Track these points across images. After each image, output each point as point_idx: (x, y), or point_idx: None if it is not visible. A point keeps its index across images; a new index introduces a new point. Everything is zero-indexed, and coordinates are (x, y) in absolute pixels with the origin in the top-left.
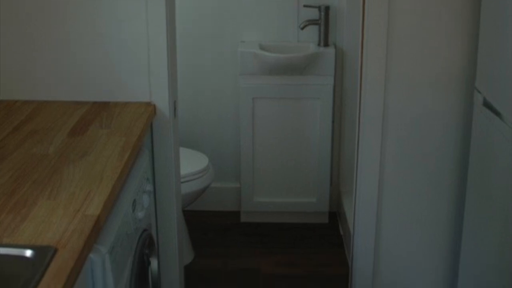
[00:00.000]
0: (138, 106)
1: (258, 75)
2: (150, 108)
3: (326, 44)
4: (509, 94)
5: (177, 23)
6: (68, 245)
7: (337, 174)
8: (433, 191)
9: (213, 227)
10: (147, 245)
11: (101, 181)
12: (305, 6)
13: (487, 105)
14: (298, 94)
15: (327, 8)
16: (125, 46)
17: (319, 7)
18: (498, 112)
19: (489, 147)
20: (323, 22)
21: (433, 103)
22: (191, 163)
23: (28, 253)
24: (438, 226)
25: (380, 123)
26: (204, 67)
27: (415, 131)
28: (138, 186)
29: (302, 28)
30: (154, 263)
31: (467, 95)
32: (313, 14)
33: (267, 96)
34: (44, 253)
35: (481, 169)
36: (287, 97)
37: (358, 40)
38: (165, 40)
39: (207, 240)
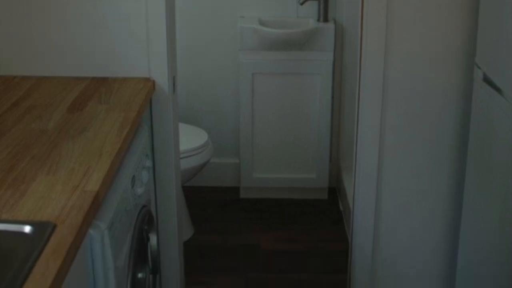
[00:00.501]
0: (137, 82)
1: (258, 51)
2: (149, 84)
3: (326, 20)
4: (509, 70)
5: None
6: (67, 221)
7: (337, 150)
8: (433, 166)
9: (212, 203)
10: (146, 221)
11: (100, 157)
12: None
13: (487, 80)
14: (298, 70)
15: None
16: (124, 22)
17: None
18: (498, 88)
19: (489, 123)
20: None
21: (433, 78)
22: (191, 139)
23: (27, 229)
24: (438, 201)
25: (380, 98)
26: (204, 42)
27: (415, 106)
28: (137, 162)
29: (302, 4)
30: (153, 239)
31: (467, 70)
32: None
33: (267, 71)
34: (43, 229)
35: (481, 145)
36: (286, 73)
37: (358, 15)
38: (164, 15)
39: (206, 216)
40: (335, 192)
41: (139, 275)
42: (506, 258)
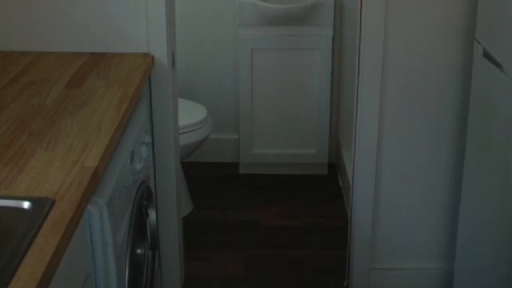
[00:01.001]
0: (136, 57)
1: (257, 26)
2: (148, 59)
3: None
4: (509, 45)
5: None
6: (66, 197)
7: (336, 125)
8: (433, 141)
9: (211, 179)
10: (145, 197)
11: (99, 132)
12: None
13: (487, 56)
14: (297, 45)
15: None
16: None
17: None
18: (498, 63)
19: (489, 99)
20: None
21: (433, 53)
22: (190, 114)
23: (26, 204)
24: (438, 176)
25: (379, 73)
26: (203, 17)
27: (414, 81)
28: (136, 138)
29: None
30: (152, 215)
31: (467, 45)
32: None
33: (266, 47)
34: (42, 205)
35: (481, 121)
36: (286, 48)
37: None
38: None
39: (205, 191)
40: (335, 167)
41: (138, 251)
42: (506, 234)
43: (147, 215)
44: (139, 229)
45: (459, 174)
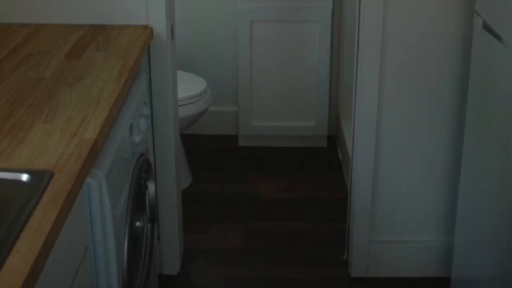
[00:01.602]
0: (135, 29)
1: None
2: (147, 31)
3: None
4: (509, 17)
5: None
6: (65, 169)
7: (336, 97)
8: (433, 114)
9: (210, 151)
10: (144, 170)
11: (98, 105)
12: None
13: (486, 28)
14: (297, 17)
15: None
16: None
17: None
18: (498, 36)
19: (489, 71)
20: None
21: (433, 26)
22: (189, 87)
23: (25, 177)
24: (438, 149)
25: (379, 45)
26: None
27: (414, 54)
28: (135, 110)
29: None
30: (151, 187)
31: (467, 17)
32: None
33: (266, 19)
34: (41, 177)
35: (481, 93)
36: (285, 20)
37: None
38: None
39: (204, 164)
40: (334, 140)
41: (137, 223)
42: (506, 207)
43: (146, 187)
44: (138, 202)
45: (459, 146)
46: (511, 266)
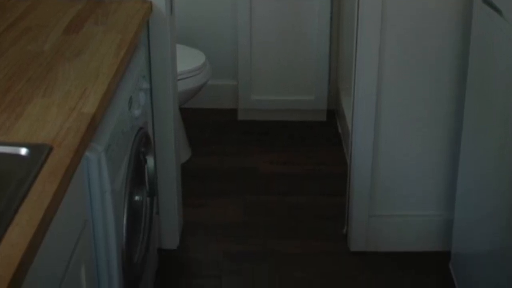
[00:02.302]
0: (134, 3)
1: None
2: (146, 5)
3: None
4: None
5: None
6: (64, 143)
7: (336, 72)
8: (433, 88)
9: (210, 125)
10: (143, 144)
11: (97, 78)
12: None
13: (486, 2)
14: None
15: None
16: None
17: None
18: (498, 9)
19: (489, 46)
20: None
21: (432, 0)
22: (188, 60)
23: (23, 151)
24: (438, 124)
25: (379, 20)
26: None
27: (414, 28)
28: (134, 84)
29: None
30: (150, 161)
31: None
32: None
33: None
34: (40, 151)
35: (481, 68)
36: None
37: None
38: None
39: (204, 138)
40: (334, 114)
41: (136, 197)
42: (505, 184)
43: (145, 161)
44: (137, 176)
45: (459, 123)
46: (510, 242)
